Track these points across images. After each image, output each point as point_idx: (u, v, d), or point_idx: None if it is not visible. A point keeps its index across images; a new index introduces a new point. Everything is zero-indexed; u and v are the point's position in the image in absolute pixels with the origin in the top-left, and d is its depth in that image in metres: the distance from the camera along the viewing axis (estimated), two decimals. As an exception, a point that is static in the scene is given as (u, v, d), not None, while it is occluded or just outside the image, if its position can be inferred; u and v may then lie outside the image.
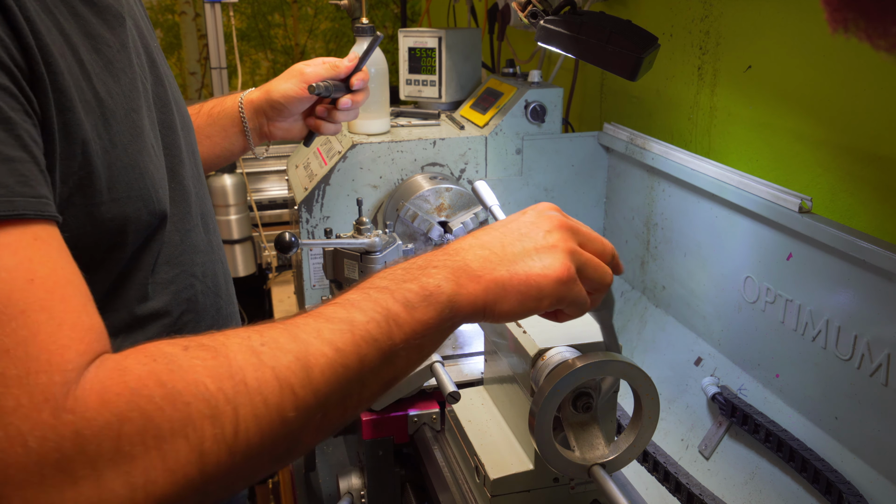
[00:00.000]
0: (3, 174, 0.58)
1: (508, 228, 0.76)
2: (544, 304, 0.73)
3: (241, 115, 1.27)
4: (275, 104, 1.26)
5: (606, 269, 0.77)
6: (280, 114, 1.28)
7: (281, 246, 1.13)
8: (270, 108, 1.27)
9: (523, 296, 0.72)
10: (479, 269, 0.72)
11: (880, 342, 0.97)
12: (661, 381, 1.35)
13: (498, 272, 0.72)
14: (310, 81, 1.23)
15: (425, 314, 0.68)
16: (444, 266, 0.71)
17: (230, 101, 1.29)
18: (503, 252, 0.73)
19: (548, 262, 0.72)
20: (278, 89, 1.25)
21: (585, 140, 1.61)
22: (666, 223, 1.44)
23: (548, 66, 1.93)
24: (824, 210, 1.15)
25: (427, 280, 0.69)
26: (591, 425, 0.86)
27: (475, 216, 1.41)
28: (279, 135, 1.31)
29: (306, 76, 1.25)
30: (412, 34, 1.74)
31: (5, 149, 0.59)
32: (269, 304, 2.37)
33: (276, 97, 1.25)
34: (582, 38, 1.22)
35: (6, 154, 0.59)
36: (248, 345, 0.61)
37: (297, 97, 1.25)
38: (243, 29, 3.68)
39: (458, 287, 0.70)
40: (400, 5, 2.75)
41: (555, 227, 0.75)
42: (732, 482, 1.19)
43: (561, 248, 0.74)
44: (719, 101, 1.39)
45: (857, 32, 0.48)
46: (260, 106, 1.28)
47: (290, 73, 1.27)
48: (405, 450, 1.20)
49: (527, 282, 0.72)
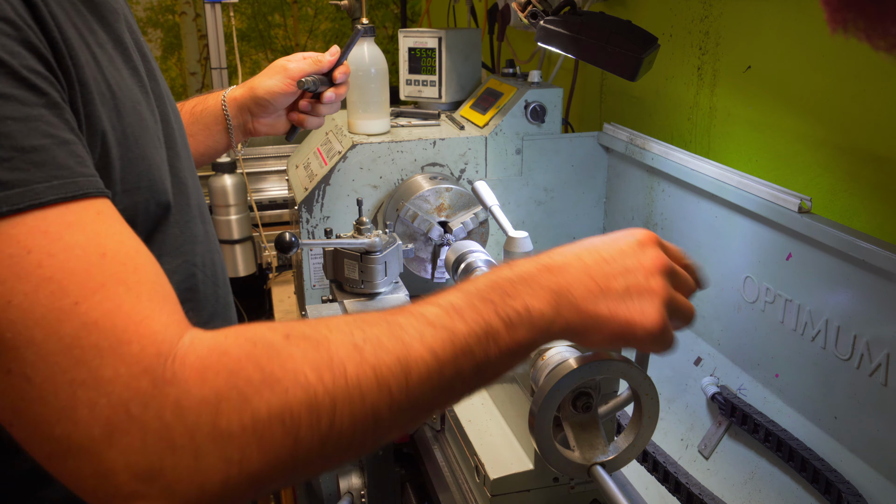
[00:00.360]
0: (64, 156, 0.61)
1: (612, 257, 0.75)
2: (634, 344, 0.74)
3: (224, 112, 1.28)
4: (259, 101, 1.27)
5: (692, 310, 0.78)
6: (265, 110, 1.29)
7: (281, 246, 1.13)
8: (255, 105, 1.27)
9: (616, 336, 0.72)
10: (582, 298, 0.71)
11: (880, 342, 0.97)
12: (660, 381, 1.35)
13: (599, 308, 0.72)
14: (294, 77, 1.24)
15: (523, 335, 0.69)
16: (547, 288, 0.71)
17: (213, 99, 1.30)
18: (607, 285, 0.73)
19: (647, 309, 0.73)
20: (263, 86, 1.25)
21: (585, 140, 1.61)
22: (666, 223, 1.44)
23: (548, 67, 1.93)
24: (824, 210, 1.15)
25: (530, 300, 0.70)
26: (590, 425, 0.86)
27: (475, 216, 1.42)
28: (263, 130, 1.32)
29: (290, 72, 1.25)
30: (412, 34, 1.74)
31: (60, 132, 0.62)
32: (270, 304, 2.37)
33: (260, 94, 1.26)
34: (582, 39, 1.23)
35: (62, 137, 0.62)
36: (350, 339, 0.63)
37: (282, 93, 1.25)
38: (243, 29, 3.68)
39: (558, 314, 0.70)
40: (400, 5, 2.75)
41: (657, 269, 0.75)
42: (732, 482, 1.19)
43: (661, 295, 0.74)
44: (719, 102, 1.39)
45: (857, 32, 0.48)
46: (244, 103, 1.28)
47: (272, 69, 1.27)
48: (405, 449, 1.20)
49: (624, 325, 0.72)
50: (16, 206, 0.57)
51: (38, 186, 0.58)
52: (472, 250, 1.23)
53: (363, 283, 1.24)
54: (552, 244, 1.79)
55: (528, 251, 1.03)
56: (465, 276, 1.19)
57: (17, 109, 0.59)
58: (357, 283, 1.25)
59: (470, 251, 1.23)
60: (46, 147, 0.60)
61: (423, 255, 1.45)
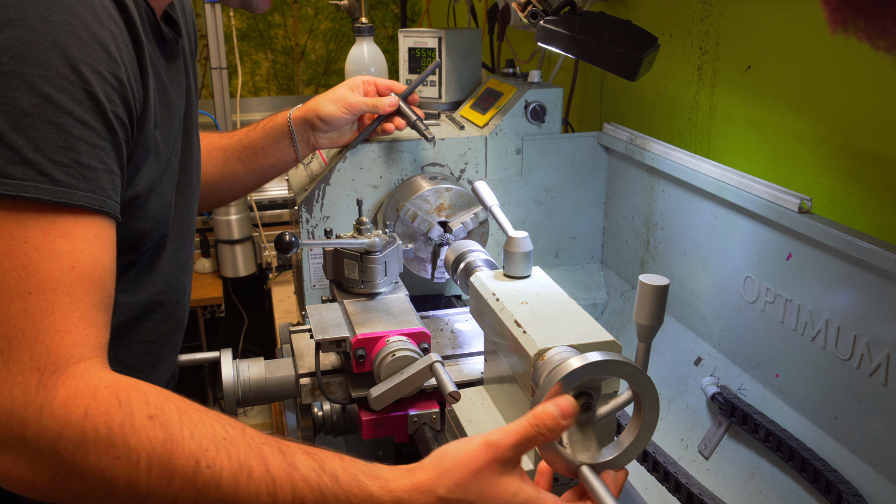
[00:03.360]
0: (106, 180, 0.80)
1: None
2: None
3: (290, 128, 1.42)
4: (321, 121, 1.40)
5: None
6: (325, 129, 1.42)
7: (281, 246, 1.13)
8: (318, 120, 1.40)
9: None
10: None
11: (880, 342, 0.97)
12: (660, 381, 1.35)
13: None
14: (353, 112, 1.39)
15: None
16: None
17: (280, 116, 1.44)
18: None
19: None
20: (324, 110, 1.39)
21: (585, 140, 1.61)
22: (666, 223, 1.44)
23: (548, 67, 1.93)
24: (824, 210, 1.15)
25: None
26: (587, 426, 0.86)
27: (475, 216, 1.42)
28: (325, 144, 1.46)
29: (351, 107, 1.39)
30: (412, 34, 1.74)
31: (111, 164, 0.81)
32: (270, 304, 2.37)
33: (322, 116, 1.40)
34: (582, 39, 1.23)
35: (111, 168, 0.81)
36: (197, 455, 0.72)
37: (340, 117, 1.39)
38: (243, 29, 3.68)
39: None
40: (400, 5, 2.75)
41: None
42: (732, 482, 1.19)
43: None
44: (719, 102, 1.39)
45: (857, 32, 0.48)
46: (307, 120, 1.41)
47: (336, 96, 1.40)
48: (405, 449, 1.20)
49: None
50: (58, 200, 0.75)
51: (79, 193, 0.76)
52: (471, 250, 1.23)
53: (363, 283, 1.24)
54: (552, 244, 1.79)
55: (528, 251, 1.03)
56: (465, 276, 1.19)
57: (91, 137, 0.78)
58: (357, 283, 1.25)
59: (470, 251, 1.23)
60: (97, 169, 0.78)
61: (423, 255, 1.45)
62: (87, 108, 0.77)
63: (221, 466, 0.73)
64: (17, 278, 0.72)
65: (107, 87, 0.80)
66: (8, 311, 0.72)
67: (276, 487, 0.73)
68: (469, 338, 1.30)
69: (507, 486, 0.76)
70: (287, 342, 1.30)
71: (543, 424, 0.76)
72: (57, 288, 0.74)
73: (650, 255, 1.51)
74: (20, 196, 0.73)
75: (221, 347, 1.22)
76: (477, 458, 0.76)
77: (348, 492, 0.74)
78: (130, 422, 0.72)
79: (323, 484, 0.74)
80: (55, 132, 0.75)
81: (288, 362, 1.21)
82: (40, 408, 0.70)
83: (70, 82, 0.76)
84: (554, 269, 1.67)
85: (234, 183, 1.45)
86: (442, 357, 1.06)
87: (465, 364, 1.23)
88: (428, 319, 1.36)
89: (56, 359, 0.72)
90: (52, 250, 0.74)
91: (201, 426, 0.74)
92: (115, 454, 0.71)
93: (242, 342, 3.04)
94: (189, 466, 0.72)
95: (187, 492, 0.72)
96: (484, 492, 0.75)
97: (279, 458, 0.75)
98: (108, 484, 0.71)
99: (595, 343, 0.88)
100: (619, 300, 1.62)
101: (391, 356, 1.08)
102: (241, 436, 0.75)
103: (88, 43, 0.78)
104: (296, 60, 3.81)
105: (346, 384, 1.17)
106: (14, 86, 0.74)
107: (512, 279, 1.04)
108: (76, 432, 0.70)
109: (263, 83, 3.79)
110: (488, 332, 1.03)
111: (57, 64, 0.76)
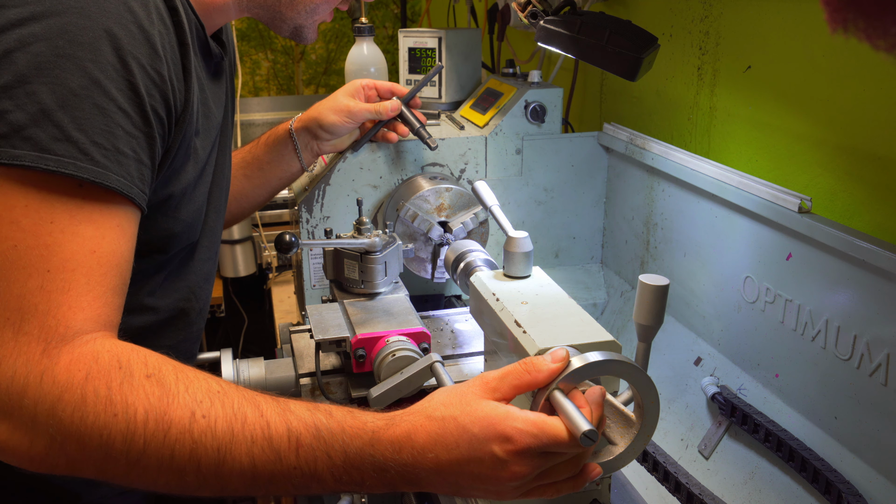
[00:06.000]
0: (136, 169, 0.83)
1: (469, 469, 0.77)
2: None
3: (291, 136, 1.43)
4: (322, 129, 1.41)
5: (576, 488, 0.81)
6: (329, 134, 1.42)
7: (281, 246, 1.13)
8: (319, 129, 1.41)
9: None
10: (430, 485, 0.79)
11: (880, 342, 0.97)
12: (660, 381, 1.35)
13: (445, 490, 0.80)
14: (356, 120, 1.40)
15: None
16: (399, 478, 0.77)
17: (281, 128, 1.45)
18: (458, 489, 0.79)
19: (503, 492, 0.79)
20: (326, 119, 1.40)
21: (585, 140, 1.61)
22: (666, 223, 1.44)
23: (548, 67, 1.93)
24: (824, 210, 1.15)
25: (371, 482, 0.78)
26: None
27: (475, 216, 1.42)
28: (328, 150, 1.46)
29: (353, 115, 1.39)
30: (412, 34, 1.74)
31: (142, 155, 0.84)
32: (270, 304, 2.37)
33: (324, 125, 1.40)
34: (582, 39, 1.23)
35: (142, 159, 0.84)
36: (192, 407, 0.74)
37: (343, 126, 1.41)
38: (243, 29, 3.68)
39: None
40: (400, 5, 2.75)
41: (517, 481, 0.77)
42: (732, 482, 1.19)
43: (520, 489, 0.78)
44: (719, 102, 1.39)
45: (857, 32, 0.48)
46: (309, 128, 1.42)
47: (337, 105, 1.40)
48: (405, 449, 1.20)
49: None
50: (94, 179, 0.78)
51: (111, 175, 0.79)
52: (471, 250, 1.23)
53: (363, 283, 1.24)
54: (552, 244, 1.79)
55: (528, 251, 1.03)
56: (465, 276, 1.19)
57: (128, 125, 0.81)
58: (357, 283, 1.25)
59: (470, 251, 1.23)
60: (129, 157, 0.82)
61: (423, 255, 1.45)
62: (127, 98, 0.81)
63: (216, 415, 0.75)
64: (38, 256, 0.75)
65: (148, 81, 0.83)
66: (25, 286, 0.74)
67: (271, 429, 0.76)
68: (469, 338, 1.30)
69: (491, 405, 0.78)
70: (287, 342, 1.30)
71: (531, 363, 0.79)
72: (76, 269, 0.77)
73: (650, 255, 1.51)
74: (59, 172, 0.75)
75: (221, 347, 1.22)
76: (464, 385, 0.81)
77: (342, 422, 0.77)
78: (129, 381, 0.74)
79: (317, 420, 0.77)
80: (99, 115, 0.79)
81: (288, 362, 1.21)
82: (41, 374, 0.72)
83: (116, 71, 0.80)
84: (554, 269, 1.67)
85: (242, 200, 1.46)
86: (442, 357, 1.06)
87: (465, 364, 1.23)
88: (428, 319, 1.36)
89: (65, 331, 0.75)
90: (76, 233, 0.77)
91: (196, 382, 0.77)
92: (113, 411, 0.73)
93: (242, 342, 3.04)
94: (185, 417, 0.74)
95: (183, 442, 0.73)
96: (466, 407, 0.77)
97: (273, 404, 0.78)
98: (105, 444, 0.72)
99: (595, 343, 0.88)
100: (619, 300, 1.62)
101: (391, 356, 1.08)
102: (235, 389, 0.79)
103: (137, 37, 0.82)
104: (296, 60, 3.82)
105: (346, 384, 1.17)
106: (67, 67, 0.77)
107: (512, 279, 1.04)
108: (76, 395, 0.72)
109: (263, 83, 3.79)
110: (488, 332, 1.03)
111: (106, 52, 0.80)
